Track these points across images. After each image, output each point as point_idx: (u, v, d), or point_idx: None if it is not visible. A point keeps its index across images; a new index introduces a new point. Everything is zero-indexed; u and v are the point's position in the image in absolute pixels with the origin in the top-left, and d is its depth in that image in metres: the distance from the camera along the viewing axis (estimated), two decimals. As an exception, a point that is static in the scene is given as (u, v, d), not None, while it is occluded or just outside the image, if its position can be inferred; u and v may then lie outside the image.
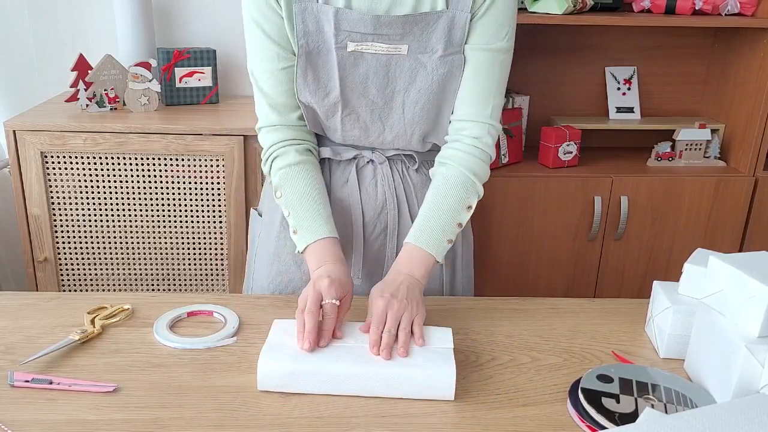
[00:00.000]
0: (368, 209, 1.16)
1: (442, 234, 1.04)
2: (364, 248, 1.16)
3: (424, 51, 1.04)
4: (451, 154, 1.08)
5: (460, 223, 1.06)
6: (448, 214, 1.04)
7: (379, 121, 1.11)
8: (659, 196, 1.94)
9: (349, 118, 1.10)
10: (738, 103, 2.03)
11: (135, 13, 1.95)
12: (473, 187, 1.07)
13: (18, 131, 1.71)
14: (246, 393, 0.85)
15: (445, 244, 1.04)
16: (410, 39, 1.03)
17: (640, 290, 2.03)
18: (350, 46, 1.03)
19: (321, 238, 1.03)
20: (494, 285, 1.98)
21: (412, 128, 1.11)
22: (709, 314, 0.86)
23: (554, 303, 1.11)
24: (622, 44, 2.16)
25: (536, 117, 2.18)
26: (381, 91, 1.07)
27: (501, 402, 0.85)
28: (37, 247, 1.81)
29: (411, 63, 1.05)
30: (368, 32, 1.01)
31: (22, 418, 0.78)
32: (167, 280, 1.88)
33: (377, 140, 1.13)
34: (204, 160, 1.77)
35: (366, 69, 1.05)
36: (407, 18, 1.01)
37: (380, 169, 1.16)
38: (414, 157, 1.16)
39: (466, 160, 1.07)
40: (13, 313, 1.02)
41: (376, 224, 1.16)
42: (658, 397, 0.83)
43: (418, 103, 1.08)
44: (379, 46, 1.03)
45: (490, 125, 1.08)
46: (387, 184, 1.15)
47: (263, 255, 1.22)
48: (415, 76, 1.06)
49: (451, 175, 1.07)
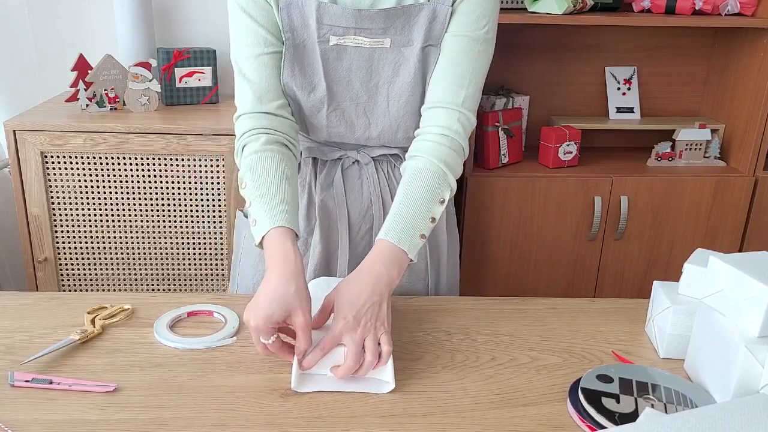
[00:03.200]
0: (354, 209, 1.15)
1: (414, 229, 0.96)
2: (350, 248, 1.16)
3: (407, 44, 1.04)
4: (419, 146, 1.03)
5: (433, 218, 0.98)
6: (419, 207, 0.97)
7: (364, 115, 1.10)
8: (659, 196, 1.94)
9: (335, 114, 1.10)
10: (738, 103, 2.03)
11: (135, 13, 1.95)
12: (444, 178, 1.00)
13: (18, 131, 1.71)
14: (246, 393, 0.85)
15: (417, 240, 0.96)
16: (392, 33, 1.02)
17: (640, 290, 2.03)
18: (332, 39, 1.02)
19: (273, 228, 0.93)
20: (494, 285, 1.98)
21: (397, 122, 1.10)
22: (709, 314, 0.86)
23: (554, 303, 1.11)
24: (622, 44, 2.16)
25: (536, 117, 2.18)
26: (365, 85, 1.07)
27: (501, 402, 0.85)
28: (37, 247, 1.81)
29: (394, 56, 1.05)
30: (350, 26, 1.01)
31: (22, 418, 0.78)
32: (167, 280, 1.88)
33: (363, 136, 1.13)
34: (204, 160, 1.77)
35: (349, 62, 1.05)
36: (389, 11, 1.00)
37: (366, 169, 1.16)
38: (400, 156, 1.15)
39: (435, 149, 1.01)
40: (13, 313, 1.02)
41: (362, 224, 1.16)
42: (658, 397, 0.83)
43: (402, 96, 1.07)
44: (361, 40, 1.03)
45: (460, 113, 1.02)
46: (372, 184, 1.15)
47: (248, 256, 1.21)
48: (398, 69, 1.05)
49: (420, 167, 1.00)
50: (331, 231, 1.15)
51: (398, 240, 0.94)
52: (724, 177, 1.96)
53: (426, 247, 1.17)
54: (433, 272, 1.20)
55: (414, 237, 0.96)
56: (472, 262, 1.95)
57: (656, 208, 1.95)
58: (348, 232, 1.15)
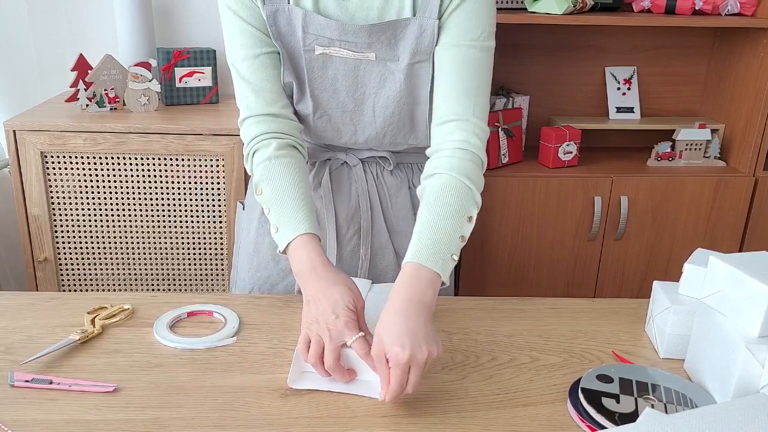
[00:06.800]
0: (341, 211, 1.15)
1: (446, 249, 0.90)
2: (338, 250, 1.16)
3: (393, 59, 1.03)
4: (438, 163, 0.98)
5: (462, 236, 0.93)
6: (447, 227, 0.91)
7: (350, 123, 1.10)
8: (659, 196, 1.94)
9: (321, 120, 1.10)
10: (738, 103, 2.03)
11: (135, 13, 1.95)
12: (469, 194, 0.95)
13: (18, 131, 1.71)
14: (246, 393, 0.85)
15: (450, 262, 0.90)
16: (377, 47, 1.01)
17: (640, 290, 2.03)
18: (318, 49, 1.02)
19: (300, 235, 0.94)
20: (494, 285, 1.98)
21: (383, 130, 1.10)
22: (709, 314, 0.86)
23: (554, 303, 1.11)
24: (622, 44, 2.16)
25: (536, 117, 2.18)
26: (351, 94, 1.06)
27: (501, 402, 0.85)
28: (37, 247, 1.81)
29: (380, 69, 1.04)
30: (334, 38, 1.00)
31: (22, 418, 0.78)
32: (167, 280, 1.88)
33: (350, 141, 1.13)
34: (204, 160, 1.77)
35: (335, 72, 1.04)
36: (373, 27, 0.99)
37: (354, 171, 1.16)
38: (388, 158, 1.15)
39: (456, 165, 0.96)
40: (13, 313, 1.02)
41: (350, 226, 1.16)
42: (658, 397, 0.83)
43: (388, 108, 1.07)
44: (345, 52, 1.02)
45: (474, 124, 0.99)
46: (361, 186, 1.15)
47: (245, 249, 1.22)
48: (384, 82, 1.05)
49: (443, 184, 0.95)
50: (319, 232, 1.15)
51: (432, 262, 0.89)
52: (724, 177, 1.96)
53: None
54: None
55: (446, 258, 0.90)
56: (472, 262, 1.95)
57: (656, 208, 1.95)
58: (336, 233, 1.15)
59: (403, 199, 1.17)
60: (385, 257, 1.17)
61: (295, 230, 0.95)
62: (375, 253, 1.17)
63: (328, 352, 0.84)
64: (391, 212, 1.17)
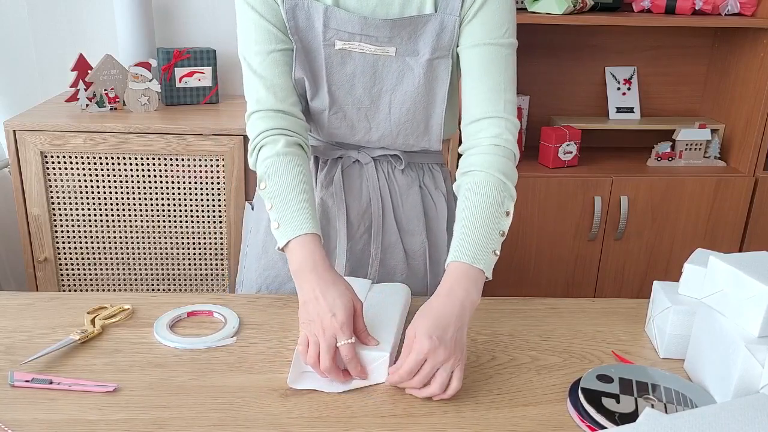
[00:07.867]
0: (353, 209, 1.15)
1: (487, 244, 0.93)
2: (348, 247, 1.16)
3: (412, 54, 1.03)
4: (473, 160, 1.01)
5: (502, 232, 0.96)
6: (487, 223, 0.95)
7: (365, 120, 1.10)
8: (659, 196, 1.94)
9: (336, 116, 1.10)
10: (738, 103, 2.03)
11: (135, 13, 1.95)
12: (506, 189, 0.98)
13: (18, 131, 1.71)
14: (246, 393, 0.85)
15: (491, 257, 0.94)
16: (398, 42, 1.02)
17: (640, 290, 2.03)
18: (338, 44, 1.02)
19: (303, 234, 0.94)
20: (494, 285, 1.97)
21: (398, 128, 1.10)
22: (709, 314, 0.86)
23: (554, 303, 1.11)
24: (622, 44, 2.16)
25: (536, 117, 2.18)
26: (367, 91, 1.07)
27: (501, 402, 0.85)
28: (37, 247, 1.81)
29: (398, 65, 1.04)
30: (356, 32, 1.01)
31: (22, 418, 0.78)
32: (167, 280, 1.88)
33: (363, 138, 1.13)
34: (204, 160, 1.77)
35: (353, 68, 1.05)
36: (395, 22, 1.00)
37: (366, 169, 1.16)
38: (400, 157, 1.15)
39: (491, 161, 0.99)
40: (13, 313, 1.02)
41: (361, 224, 1.16)
42: (658, 397, 0.83)
43: (404, 104, 1.07)
44: (366, 47, 1.02)
45: (506, 120, 1.01)
46: (372, 184, 1.15)
47: (253, 248, 1.22)
48: (402, 77, 1.05)
49: (479, 181, 0.98)
50: (330, 229, 1.15)
51: (473, 259, 0.92)
52: (724, 177, 1.96)
53: (425, 247, 1.17)
54: (433, 272, 1.20)
55: (487, 254, 0.94)
56: (472, 262, 1.95)
57: (656, 208, 1.96)
58: (346, 231, 1.15)
59: (413, 198, 1.17)
60: (394, 255, 1.17)
61: (298, 228, 0.95)
62: (385, 252, 1.17)
63: (323, 352, 0.85)
64: (401, 211, 1.17)
